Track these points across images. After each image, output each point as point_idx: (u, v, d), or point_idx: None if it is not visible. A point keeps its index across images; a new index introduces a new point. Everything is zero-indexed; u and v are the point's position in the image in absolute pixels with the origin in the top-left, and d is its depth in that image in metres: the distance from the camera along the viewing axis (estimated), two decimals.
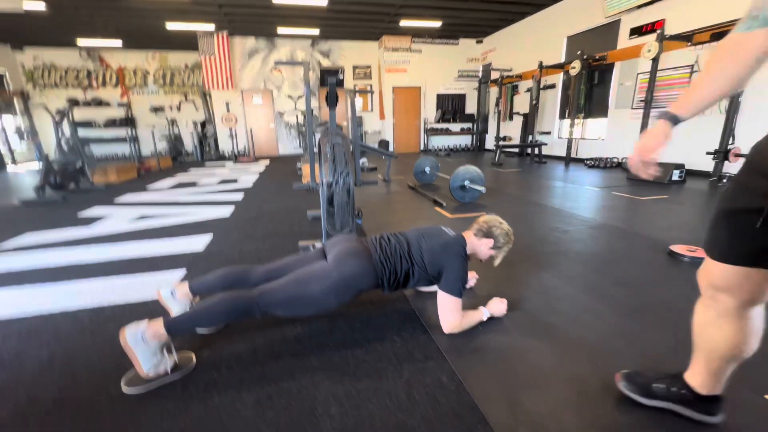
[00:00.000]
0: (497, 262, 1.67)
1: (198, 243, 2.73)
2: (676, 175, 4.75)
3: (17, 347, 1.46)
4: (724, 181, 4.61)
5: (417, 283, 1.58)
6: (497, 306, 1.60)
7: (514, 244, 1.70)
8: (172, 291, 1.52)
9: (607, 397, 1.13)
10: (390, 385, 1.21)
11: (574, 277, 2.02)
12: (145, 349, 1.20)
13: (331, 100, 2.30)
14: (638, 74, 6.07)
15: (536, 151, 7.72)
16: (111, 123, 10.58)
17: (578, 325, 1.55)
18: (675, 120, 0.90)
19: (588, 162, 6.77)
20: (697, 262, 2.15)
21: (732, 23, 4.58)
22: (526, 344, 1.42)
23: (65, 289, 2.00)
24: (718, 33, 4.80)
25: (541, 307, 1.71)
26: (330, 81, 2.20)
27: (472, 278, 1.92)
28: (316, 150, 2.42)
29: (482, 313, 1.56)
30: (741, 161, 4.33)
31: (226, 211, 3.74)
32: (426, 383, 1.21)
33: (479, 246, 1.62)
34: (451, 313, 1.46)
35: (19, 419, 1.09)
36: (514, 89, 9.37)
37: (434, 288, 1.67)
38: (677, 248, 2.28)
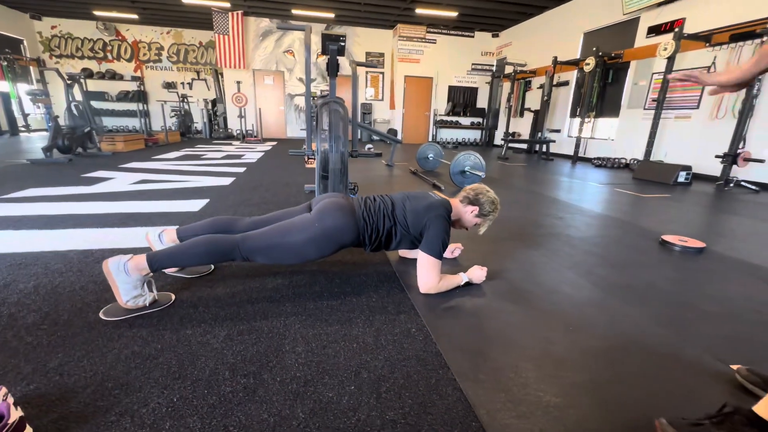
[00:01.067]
0: (482, 230, 1.67)
1: (194, 205, 2.78)
2: (682, 177, 4.67)
3: (6, 278, 1.51)
4: (731, 185, 4.52)
5: (399, 244, 1.59)
6: (477, 273, 1.60)
7: (505, 222, 1.71)
8: (160, 234, 1.56)
9: (569, 356, 1.14)
10: (359, 331, 1.23)
11: (561, 255, 2.01)
12: (126, 279, 1.24)
13: (332, 68, 2.30)
14: (653, 74, 5.96)
15: (544, 148, 7.65)
16: (123, 96, 10.71)
17: (555, 294, 1.55)
18: None
19: (595, 161, 6.68)
20: (687, 251, 2.14)
21: (753, 24, 4.47)
22: (500, 306, 1.43)
23: (59, 233, 2.05)
24: (737, 34, 4.68)
25: (522, 277, 1.71)
26: (331, 48, 2.20)
27: (457, 249, 1.92)
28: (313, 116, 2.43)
29: (461, 278, 1.56)
30: (749, 166, 4.25)
31: (226, 181, 3.78)
32: (394, 332, 1.23)
33: (465, 212, 1.62)
34: (428, 273, 1.47)
35: None
36: (527, 85, 9.26)
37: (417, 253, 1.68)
38: (669, 237, 2.26)
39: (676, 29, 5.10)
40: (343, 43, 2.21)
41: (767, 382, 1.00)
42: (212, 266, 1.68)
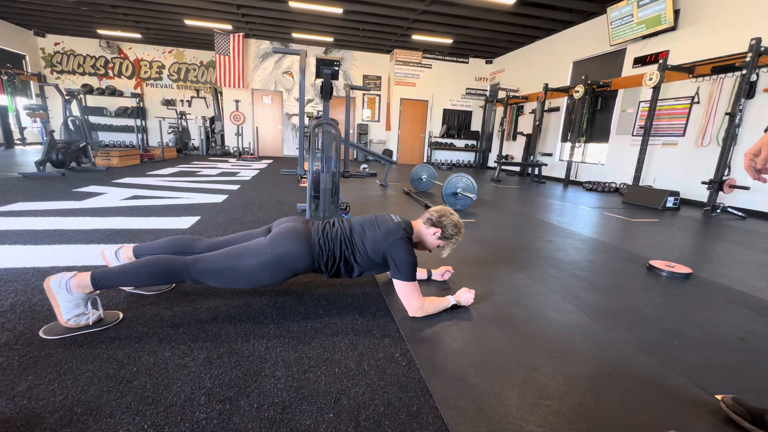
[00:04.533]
0: (445, 253, 1.67)
1: (184, 222, 2.76)
2: (670, 202, 4.76)
3: None
4: (718, 211, 4.61)
5: (365, 271, 1.56)
6: (464, 295, 1.60)
7: (494, 244, 1.71)
8: (117, 252, 1.52)
9: (553, 383, 1.13)
10: (342, 356, 1.21)
11: (548, 279, 2.02)
12: (67, 298, 1.20)
13: (326, 91, 2.36)
14: (640, 102, 6.16)
15: (536, 171, 7.78)
16: (122, 112, 10.79)
17: (542, 319, 1.55)
18: None
19: (586, 185, 6.80)
20: (674, 276, 2.15)
21: (732, 57, 4.68)
22: (486, 331, 1.42)
23: (43, 249, 2.02)
24: (718, 67, 4.88)
25: (508, 300, 1.71)
26: (325, 72, 2.27)
27: (447, 272, 1.92)
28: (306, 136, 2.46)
29: (448, 301, 1.56)
30: (735, 192, 4.34)
31: (219, 198, 3.78)
32: (378, 357, 1.21)
33: (426, 234, 1.61)
34: (409, 298, 1.46)
35: None
36: (519, 110, 9.50)
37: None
38: (656, 263, 2.28)
39: (660, 61, 5.32)
40: (337, 68, 2.27)
41: (752, 414, 0.99)
42: (173, 284, 1.62)
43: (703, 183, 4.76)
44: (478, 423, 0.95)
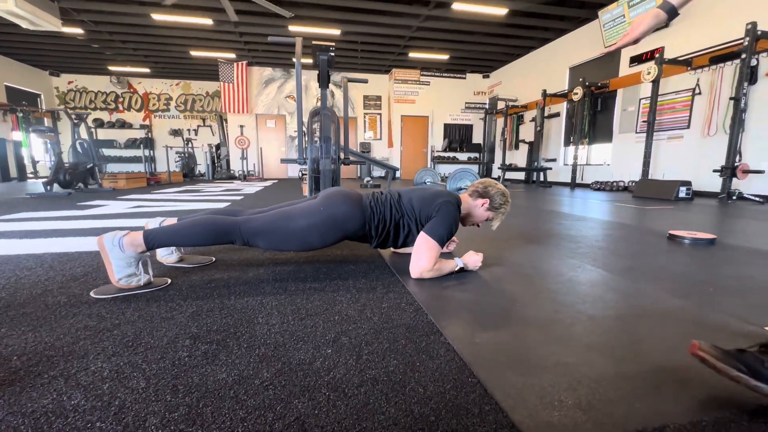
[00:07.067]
0: (495, 225, 1.60)
1: None
2: (683, 192, 4.62)
3: None
4: (734, 198, 4.45)
5: (407, 238, 1.50)
6: (472, 258, 1.49)
7: (503, 227, 1.63)
8: (161, 223, 1.49)
9: (579, 322, 1.01)
10: (343, 307, 1.11)
11: (563, 249, 1.90)
12: (120, 256, 1.17)
13: (323, 78, 2.36)
14: (640, 99, 6.15)
15: (542, 176, 7.71)
16: (131, 143, 11.11)
17: (559, 276, 1.43)
18: (666, 6, 0.93)
19: (594, 185, 6.69)
20: (697, 243, 2.02)
21: (729, 44, 4.68)
22: (499, 287, 1.31)
23: (40, 241, 1.98)
24: (717, 56, 4.88)
25: (521, 263, 1.59)
26: (321, 58, 2.28)
27: (452, 242, 1.82)
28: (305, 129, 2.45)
29: (455, 263, 1.45)
30: (750, 178, 4.21)
31: (221, 206, 3.75)
32: (382, 307, 1.11)
33: (475, 206, 1.55)
34: (424, 255, 1.36)
35: None
36: (520, 119, 9.57)
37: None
38: (677, 232, 2.15)
39: (657, 55, 5.34)
40: (332, 53, 2.29)
41: None
42: (213, 258, 1.64)
43: (715, 171, 4.63)
44: (496, 354, 0.84)
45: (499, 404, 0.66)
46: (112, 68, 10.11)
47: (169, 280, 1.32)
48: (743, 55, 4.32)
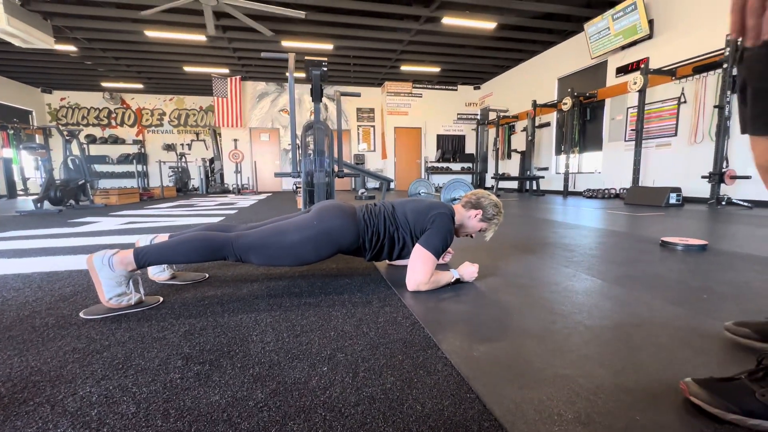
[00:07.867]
0: (488, 235, 1.60)
1: None
2: (673, 198, 4.68)
3: None
4: (723, 203, 4.52)
5: (403, 251, 1.50)
6: (468, 269, 1.49)
7: (496, 237, 1.63)
8: (152, 240, 1.46)
9: (576, 332, 1.00)
10: (339, 322, 1.09)
11: (558, 258, 1.90)
12: (109, 275, 1.15)
13: (316, 93, 2.38)
14: (628, 108, 6.28)
15: (534, 185, 7.78)
16: (124, 159, 11.05)
17: (555, 285, 1.43)
18: None
19: (586, 193, 6.76)
20: (690, 249, 2.04)
21: (711, 55, 4.82)
22: (495, 297, 1.30)
23: (28, 260, 1.94)
24: (700, 66, 5.02)
25: (517, 274, 1.59)
26: (314, 73, 2.30)
27: (447, 254, 1.82)
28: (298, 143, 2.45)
29: (451, 275, 1.45)
30: (737, 184, 4.29)
31: (214, 220, 3.73)
32: (378, 321, 1.09)
33: (468, 218, 1.56)
34: (420, 268, 1.35)
35: None
36: (511, 129, 9.71)
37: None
38: (669, 239, 2.18)
39: (642, 66, 5.48)
40: (325, 68, 2.31)
41: (756, 331, 0.90)
42: (206, 274, 1.61)
43: (703, 177, 4.72)
44: (494, 367, 0.83)
45: (498, 420, 0.65)
46: (105, 84, 10.13)
47: (161, 299, 1.30)
48: (725, 65, 4.45)
